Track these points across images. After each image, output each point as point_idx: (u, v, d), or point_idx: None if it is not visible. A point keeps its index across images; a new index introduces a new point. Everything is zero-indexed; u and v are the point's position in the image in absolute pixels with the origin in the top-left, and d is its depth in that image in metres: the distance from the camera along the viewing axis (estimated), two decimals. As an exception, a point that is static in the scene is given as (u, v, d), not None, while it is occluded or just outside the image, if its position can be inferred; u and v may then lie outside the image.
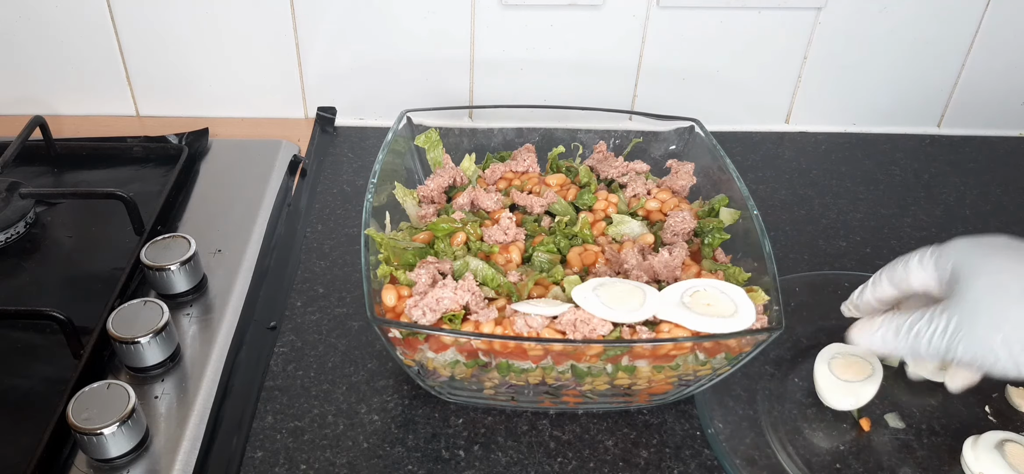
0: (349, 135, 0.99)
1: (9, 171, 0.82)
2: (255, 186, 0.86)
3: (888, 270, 0.61)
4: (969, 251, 0.56)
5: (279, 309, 0.74)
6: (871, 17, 0.93)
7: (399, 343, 0.58)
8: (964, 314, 0.54)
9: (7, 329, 0.69)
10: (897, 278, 0.60)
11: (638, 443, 0.63)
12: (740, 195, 0.68)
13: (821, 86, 0.99)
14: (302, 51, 0.95)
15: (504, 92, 0.98)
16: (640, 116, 0.80)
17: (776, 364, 0.69)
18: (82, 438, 0.57)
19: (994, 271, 0.54)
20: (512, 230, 0.66)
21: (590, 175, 0.75)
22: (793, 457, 0.62)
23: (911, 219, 0.88)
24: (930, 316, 0.55)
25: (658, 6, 0.92)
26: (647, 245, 0.66)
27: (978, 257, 0.55)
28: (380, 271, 0.61)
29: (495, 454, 0.62)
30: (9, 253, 0.78)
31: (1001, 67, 0.98)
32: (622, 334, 0.56)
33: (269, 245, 0.80)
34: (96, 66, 0.96)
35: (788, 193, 0.92)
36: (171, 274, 0.71)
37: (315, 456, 0.61)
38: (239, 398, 0.65)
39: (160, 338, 0.64)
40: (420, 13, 0.92)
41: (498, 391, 0.62)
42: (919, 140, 1.02)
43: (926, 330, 0.55)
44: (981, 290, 0.54)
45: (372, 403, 0.66)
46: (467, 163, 0.76)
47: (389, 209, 0.69)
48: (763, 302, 0.60)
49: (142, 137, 0.93)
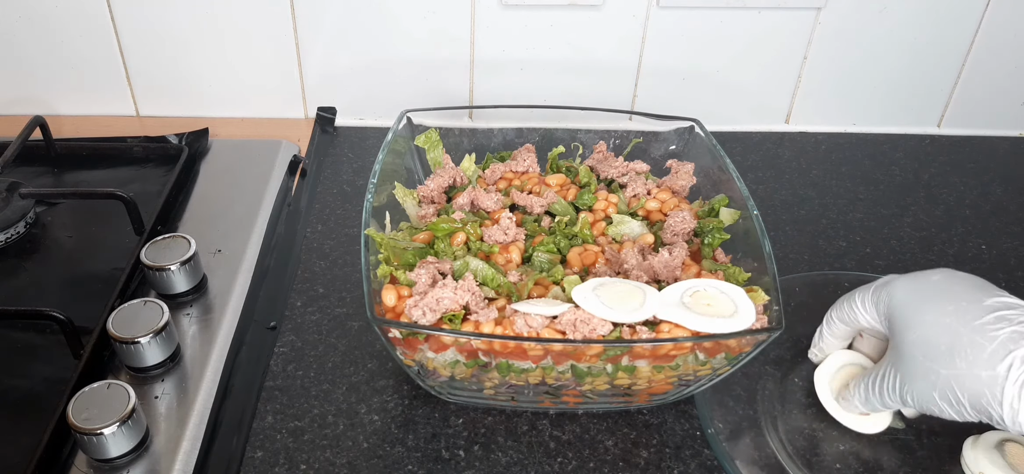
0: (349, 135, 0.99)
1: (9, 171, 0.82)
2: (255, 186, 0.86)
3: (837, 310, 0.63)
4: (903, 299, 0.56)
5: (279, 309, 0.74)
6: (871, 17, 0.93)
7: (399, 343, 0.58)
8: (902, 370, 0.55)
9: (7, 329, 0.69)
10: (846, 317, 0.62)
11: (638, 443, 0.63)
12: (740, 195, 0.68)
13: (821, 86, 0.99)
14: (302, 51, 0.95)
15: (504, 92, 0.98)
16: (640, 116, 0.80)
17: (776, 364, 0.69)
18: (82, 438, 0.57)
19: (923, 324, 0.54)
20: (512, 230, 0.66)
21: (590, 175, 0.75)
22: (793, 457, 0.62)
23: (911, 219, 0.88)
24: (883, 373, 0.58)
25: (658, 6, 0.92)
26: (647, 245, 0.66)
27: (910, 308, 0.55)
28: (380, 271, 0.61)
29: (495, 454, 0.62)
30: (9, 253, 0.78)
31: (1001, 67, 0.98)
32: (622, 334, 0.56)
33: (269, 245, 0.80)
34: (96, 66, 0.96)
35: (788, 193, 0.92)
36: (171, 274, 0.71)
37: (315, 456, 0.61)
38: (239, 398, 0.65)
39: (160, 338, 0.64)
40: (420, 13, 0.92)
41: (498, 391, 0.62)
42: (919, 140, 1.02)
43: (882, 387, 0.58)
44: (913, 345, 0.54)
45: (372, 403, 0.66)
46: (467, 163, 0.76)
47: (389, 209, 0.69)
48: (763, 302, 0.60)
49: (142, 137, 0.93)
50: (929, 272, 0.58)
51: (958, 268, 0.80)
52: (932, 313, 0.54)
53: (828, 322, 0.64)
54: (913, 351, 0.54)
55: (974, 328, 0.51)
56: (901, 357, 0.56)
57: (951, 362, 0.51)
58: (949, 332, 0.52)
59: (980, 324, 0.51)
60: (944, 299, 0.54)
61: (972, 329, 0.51)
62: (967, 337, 0.51)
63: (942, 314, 0.53)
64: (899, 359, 0.56)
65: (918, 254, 0.83)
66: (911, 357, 0.54)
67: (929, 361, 0.53)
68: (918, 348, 0.54)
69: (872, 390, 0.59)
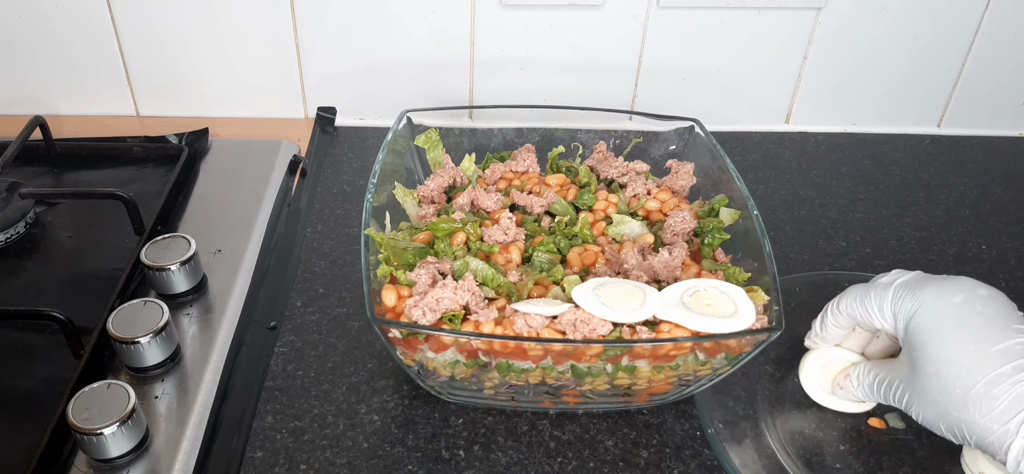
0: (349, 135, 0.99)
1: (9, 171, 0.82)
2: (255, 186, 0.86)
3: (846, 304, 0.61)
4: (924, 324, 0.55)
5: (279, 309, 0.74)
6: (871, 17, 0.93)
7: (399, 343, 0.58)
8: (912, 390, 0.56)
9: (7, 329, 0.69)
10: (858, 315, 0.60)
11: (638, 443, 0.63)
12: (740, 195, 0.68)
13: (821, 86, 0.99)
14: (302, 51, 0.95)
15: (504, 92, 0.98)
16: (640, 116, 0.80)
17: (776, 364, 0.69)
18: (82, 438, 0.57)
19: (940, 360, 0.53)
20: (512, 230, 0.66)
21: (590, 175, 0.75)
22: (793, 457, 0.62)
23: (911, 219, 0.88)
24: (892, 382, 0.58)
25: (658, 6, 0.92)
26: (647, 245, 0.66)
27: (931, 337, 0.54)
28: (380, 271, 0.61)
29: (495, 454, 0.62)
30: (9, 253, 0.78)
31: (1001, 67, 0.98)
32: (622, 334, 0.56)
33: (269, 245, 0.80)
34: (96, 66, 0.96)
35: (788, 193, 0.92)
36: (171, 274, 0.71)
37: (315, 456, 0.61)
38: (239, 398, 0.65)
39: (160, 338, 0.64)
40: (420, 13, 0.92)
41: (498, 391, 0.62)
42: (919, 140, 1.02)
43: (888, 392, 0.58)
44: (928, 377, 0.54)
45: (372, 403, 0.66)
46: (467, 163, 0.76)
47: (389, 209, 0.69)
48: (763, 302, 0.60)
49: (142, 137, 0.93)
50: (952, 287, 0.55)
51: (958, 268, 0.81)
52: (950, 347, 0.53)
53: (833, 313, 0.62)
54: (927, 383, 0.54)
55: (990, 380, 0.51)
56: (914, 380, 0.55)
57: (964, 408, 0.52)
58: (965, 379, 0.52)
59: (996, 375, 0.51)
60: (965, 335, 0.53)
61: (988, 381, 0.51)
62: (982, 388, 0.51)
63: (961, 353, 0.52)
64: (912, 380, 0.56)
65: (918, 254, 0.83)
66: (924, 388, 0.54)
67: (942, 399, 0.53)
68: (933, 382, 0.53)
69: (877, 391, 0.59)
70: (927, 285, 0.56)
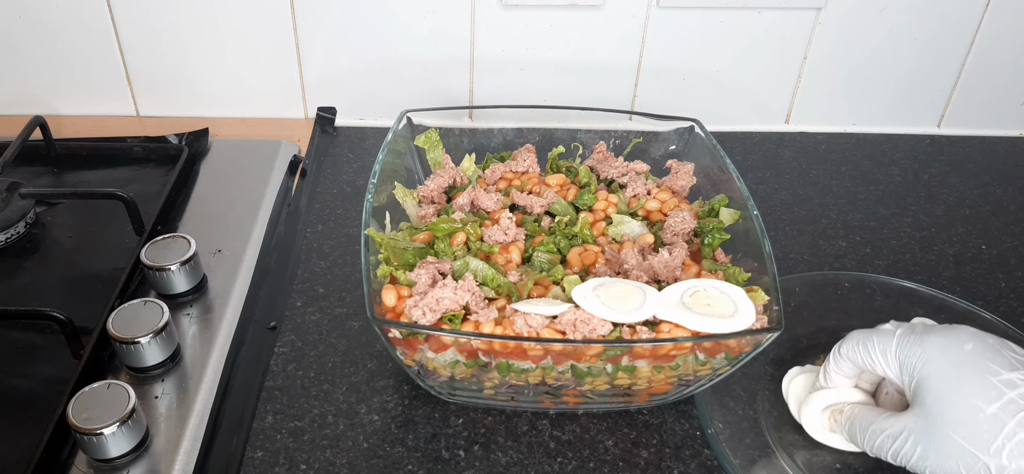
0: (349, 135, 0.99)
1: (9, 171, 0.82)
2: (255, 186, 0.86)
3: (849, 349, 0.60)
4: (935, 376, 0.54)
5: (279, 309, 0.74)
6: (871, 17, 0.93)
7: (399, 343, 0.58)
8: (929, 448, 0.54)
9: (7, 329, 0.69)
10: (861, 361, 0.59)
11: (638, 443, 0.63)
12: (740, 195, 0.68)
13: (821, 86, 0.99)
14: (302, 51, 0.95)
15: (504, 92, 0.98)
16: (640, 116, 0.80)
17: (776, 364, 0.69)
18: (82, 438, 0.57)
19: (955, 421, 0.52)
20: (512, 230, 0.66)
21: (590, 175, 0.75)
22: (793, 457, 0.62)
23: (911, 219, 0.88)
24: (895, 436, 0.56)
25: (658, 6, 0.92)
26: (647, 245, 0.66)
27: (943, 396, 0.53)
28: (380, 271, 0.61)
29: (495, 454, 0.62)
30: (9, 253, 0.78)
31: (1001, 67, 0.98)
32: (622, 334, 0.56)
33: (269, 245, 0.80)
34: (96, 66, 0.96)
35: (788, 193, 0.92)
36: (171, 274, 0.71)
37: (315, 456, 0.61)
38: (239, 398, 0.65)
39: (160, 338, 0.64)
40: (420, 13, 0.92)
41: (498, 391, 0.62)
42: (919, 140, 1.02)
43: (895, 449, 0.56)
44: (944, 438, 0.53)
45: (372, 403, 0.66)
46: (467, 163, 0.76)
47: (389, 209, 0.69)
48: (763, 302, 0.60)
49: (142, 137, 0.93)
50: (960, 337, 0.55)
51: (958, 268, 0.81)
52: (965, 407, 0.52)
53: (836, 359, 0.61)
54: (943, 444, 0.53)
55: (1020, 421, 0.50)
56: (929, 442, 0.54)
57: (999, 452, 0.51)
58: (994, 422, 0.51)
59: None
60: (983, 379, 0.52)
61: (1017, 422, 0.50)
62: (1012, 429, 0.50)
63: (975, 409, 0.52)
64: (924, 439, 0.54)
65: (918, 254, 0.83)
66: (946, 437, 0.53)
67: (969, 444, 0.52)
68: (957, 429, 0.52)
69: (882, 450, 0.57)
70: (932, 334, 0.56)
